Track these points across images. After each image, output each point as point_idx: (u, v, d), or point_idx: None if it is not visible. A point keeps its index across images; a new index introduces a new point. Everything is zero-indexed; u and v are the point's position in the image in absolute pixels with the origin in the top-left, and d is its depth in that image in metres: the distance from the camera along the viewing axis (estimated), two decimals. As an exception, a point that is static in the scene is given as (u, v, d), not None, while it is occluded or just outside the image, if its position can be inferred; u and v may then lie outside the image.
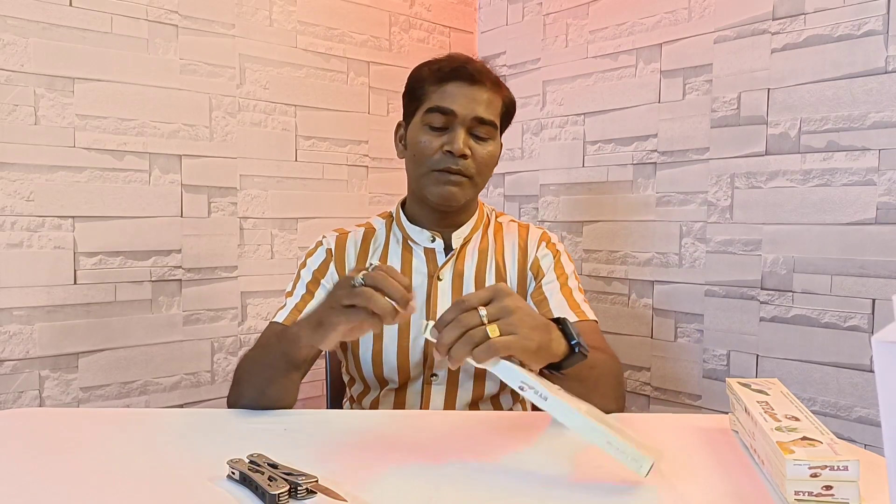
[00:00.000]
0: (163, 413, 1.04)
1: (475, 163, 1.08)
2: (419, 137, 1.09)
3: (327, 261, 1.14)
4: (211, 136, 1.63)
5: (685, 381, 1.65)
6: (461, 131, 1.06)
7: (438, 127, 1.07)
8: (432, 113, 1.08)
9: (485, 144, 1.09)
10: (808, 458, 0.63)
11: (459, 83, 1.08)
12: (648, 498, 0.67)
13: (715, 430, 0.88)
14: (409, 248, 1.15)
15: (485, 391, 1.10)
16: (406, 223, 1.16)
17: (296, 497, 0.64)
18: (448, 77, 1.08)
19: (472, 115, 1.07)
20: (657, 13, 1.69)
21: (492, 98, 1.09)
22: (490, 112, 1.09)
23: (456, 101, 1.07)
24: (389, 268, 0.79)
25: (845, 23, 1.37)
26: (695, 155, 1.62)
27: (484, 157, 1.09)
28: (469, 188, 1.09)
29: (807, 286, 1.43)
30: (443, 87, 1.08)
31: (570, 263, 1.17)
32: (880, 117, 1.33)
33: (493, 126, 1.09)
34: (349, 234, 1.18)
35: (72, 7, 1.43)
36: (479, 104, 1.07)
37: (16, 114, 1.38)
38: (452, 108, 1.06)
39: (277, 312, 1.10)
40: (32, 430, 0.87)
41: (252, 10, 1.69)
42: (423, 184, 1.10)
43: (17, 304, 1.39)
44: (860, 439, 1.35)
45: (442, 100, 1.07)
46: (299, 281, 1.14)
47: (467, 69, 1.09)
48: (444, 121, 1.07)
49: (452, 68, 1.09)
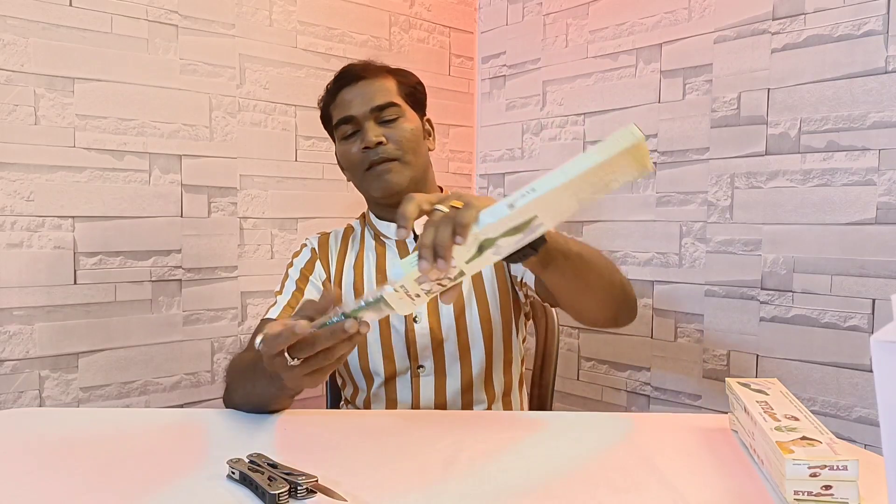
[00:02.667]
0: (163, 413, 1.04)
1: (394, 144, 1.11)
2: (342, 151, 1.16)
3: (313, 259, 1.20)
4: (211, 136, 1.63)
5: (685, 381, 1.65)
6: (368, 125, 1.11)
7: (351, 134, 1.13)
8: (340, 126, 1.14)
9: (396, 124, 1.12)
10: (808, 458, 0.63)
11: (347, 88, 1.13)
12: (648, 498, 0.67)
13: (715, 430, 0.88)
14: (382, 244, 1.18)
15: (472, 372, 1.11)
16: (375, 220, 1.20)
17: (296, 497, 0.64)
18: (336, 88, 1.15)
19: (369, 108, 1.11)
20: (657, 13, 1.69)
21: (382, 84, 1.13)
22: (385, 96, 1.12)
23: (351, 104, 1.12)
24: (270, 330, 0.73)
25: (845, 23, 1.37)
26: (695, 155, 1.62)
27: (402, 135, 1.11)
28: (402, 169, 1.11)
29: (807, 286, 1.43)
30: (337, 100, 1.15)
31: None
32: (880, 117, 1.33)
33: (395, 105, 1.12)
34: (330, 234, 1.25)
35: (72, 7, 1.43)
36: (370, 95, 1.12)
37: (16, 114, 1.38)
38: (350, 113, 1.11)
39: (269, 310, 1.13)
40: (32, 430, 0.87)
41: (252, 10, 1.69)
42: (365, 188, 1.15)
43: (17, 304, 1.39)
44: (860, 439, 1.35)
45: (340, 111, 1.13)
46: (287, 279, 1.18)
47: (347, 73, 1.14)
48: (352, 126, 1.12)
49: (335, 78, 1.16)
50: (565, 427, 0.90)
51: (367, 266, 1.17)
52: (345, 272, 1.18)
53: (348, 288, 1.16)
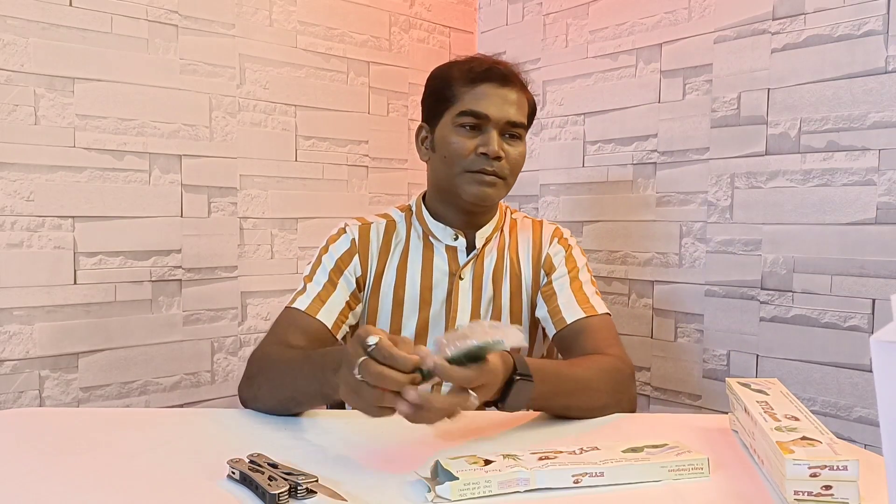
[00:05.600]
0: (163, 413, 1.04)
1: (508, 164, 1.09)
2: (451, 139, 1.09)
3: (352, 251, 1.13)
4: (211, 136, 1.63)
5: (685, 381, 1.65)
6: (495, 133, 1.07)
7: (471, 128, 1.08)
8: (465, 115, 1.08)
9: (516, 145, 1.11)
10: (808, 458, 0.63)
11: (491, 84, 1.09)
12: (648, 498, 0.67)
13: (715, 430, 0.88)
14: (429, 245, 1.15)
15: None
16: (429, 219, 1.16)
17: (296, 497, 0.64)
18: (479, 78, 1.09)
19: (506, 119, 1.08)
20: (657, 13, 1.69)
21: (520, 99, 1.11)
22: (520, 114, 1.10)
23: (490, 103, 1.08)
24: (390, 347, 0.70)
25: (845, 23, 1.37)
26: (695, 155, 1.62)
27: (516, 159, 1.11)
28: (502, 189, 1.11)
29: (807, 286, 1.43)
30: (474, 89, 1.09)
31: (581, 257, 1.18)
32: (880, 117, 1.33)
33: (524, 127, 1.12)
34: (371, 225, 1.16)
35: (72, 7, 1.43)
36: (510, 106, 1.09)
37: (16, 114, 1.38)
38: (486, 112, 1.07)
39: (297, 298, 1.07)
40: (32, 430, 0.87)
41: (252, 10, 1.69)
42: (457, 184, 1.10)
43: (17, 304, 1.39)
44: (860, 439, 1.35)
45: (475, 102, 1.08)
46: (320, 267, 1.11)
47: (499, 70, 1.10)
48: (477, 123, 1.08)
49: (484, 69, 1.09)
50: (567, 427, 0.90)
51: (412, 268, 1.13)
52: (386, 272, 1.13)
53: (388, 289, 1.12)
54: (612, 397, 0.96)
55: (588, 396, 0.93)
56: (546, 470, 0.68)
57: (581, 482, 0.69)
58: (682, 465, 0.71)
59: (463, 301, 1.12)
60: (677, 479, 0.71)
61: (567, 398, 0.90)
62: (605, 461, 0.70)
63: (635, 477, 0.70)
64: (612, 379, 0.97)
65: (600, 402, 0.94)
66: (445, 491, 0.65)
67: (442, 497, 0.65)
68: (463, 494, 0.65)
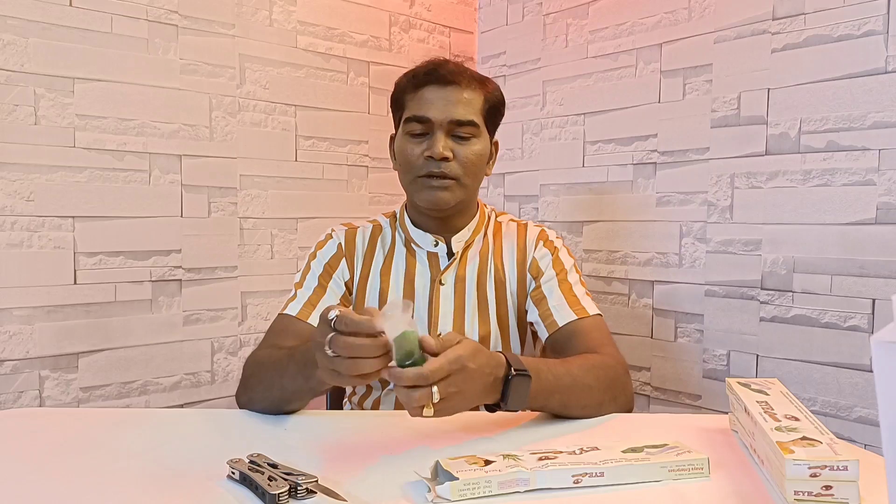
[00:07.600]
0: (163, 413, 1.04)
1: (459, 164, 1.07)
2: (403, 147, 1.10)
3: (339, 255, 1.15)
4: (211, 136, 1.63)
5: (685, 381, 1.65)
6: (440, 135, 1.06)
7: (419, 134, 1.08)
8: (410, 122, 1.09)
9: (468, 144, 1.09)
10: (808, 458, 0.63)
11: (434, 87, 1.08)
12: (648, 498, 0.67)
13: (715, 430, 0.88)
14: (412, 252, 1.15)
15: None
16: (409, 226, 1.16)
17: (296, 497, 0.64)
18: (422, 82, 1.09)
19: (449, 119, 1.07)
20: (657, 13, 1.69)
21: (471, 97, 1.09)
22: (468, 112, 1.08)
23: (431, 106, 1.07)
24: (351, 313, 0.72)
25: (845, 23, 1.37)
26: (695, 155, 1.62)
27: (468, 157, 1.08)
28: (457, 190, 1.09)
29: (807, 286, 1.43)
30: (419, 94, 1.09)
31: (569, 258, 1.16)
32: (880, 117, 1.33)
33: (474, 125, 1.09)
34: (358, 230, 1.18)
35: (72, 7, 1.43)
36: (455, 105, 1.07)
37: (16, 114, 1.38)
38: (428, 115, 1.07)
39: (288, 304, 1.09)
40: (32, 430, 0.87)
41: (252, 10, 1.69)
42: (412, 191, 1.11)
43: (17, 304, 1.39)
44: (860, 439, 1.35)
45: (418, 107, 1.08)
46: (309, 272, 1.13)
47: (440, 72, 1.09)
48: (423, 128, 1.08)
49: (426, 72, 1.09)
50: (566, 427, 0.90)
51: (396, 273, 1.14)
52: (371, 276, 1.14)
53: (373, 293, 1.13)
54: (607, 394, 0.96)
55: (584, 394, 0.93)
56: (546, 470, 0.68)
57: (581, 482, 0.69)
58: (682, 466, 0.71)
59: (445, 306, 1.11)
60: (677, 479, 0.71)
61: (564, 395, 0.90)
62: (605, 461, 0.70)
63: (635, 477, 0.70)
64: (607, 376, 0.97)
65: (597, 400, 0.94)
66: (445, 491, 0.65)
67: (442, 497, 0.65)
68: (463, 494, 0.65)
